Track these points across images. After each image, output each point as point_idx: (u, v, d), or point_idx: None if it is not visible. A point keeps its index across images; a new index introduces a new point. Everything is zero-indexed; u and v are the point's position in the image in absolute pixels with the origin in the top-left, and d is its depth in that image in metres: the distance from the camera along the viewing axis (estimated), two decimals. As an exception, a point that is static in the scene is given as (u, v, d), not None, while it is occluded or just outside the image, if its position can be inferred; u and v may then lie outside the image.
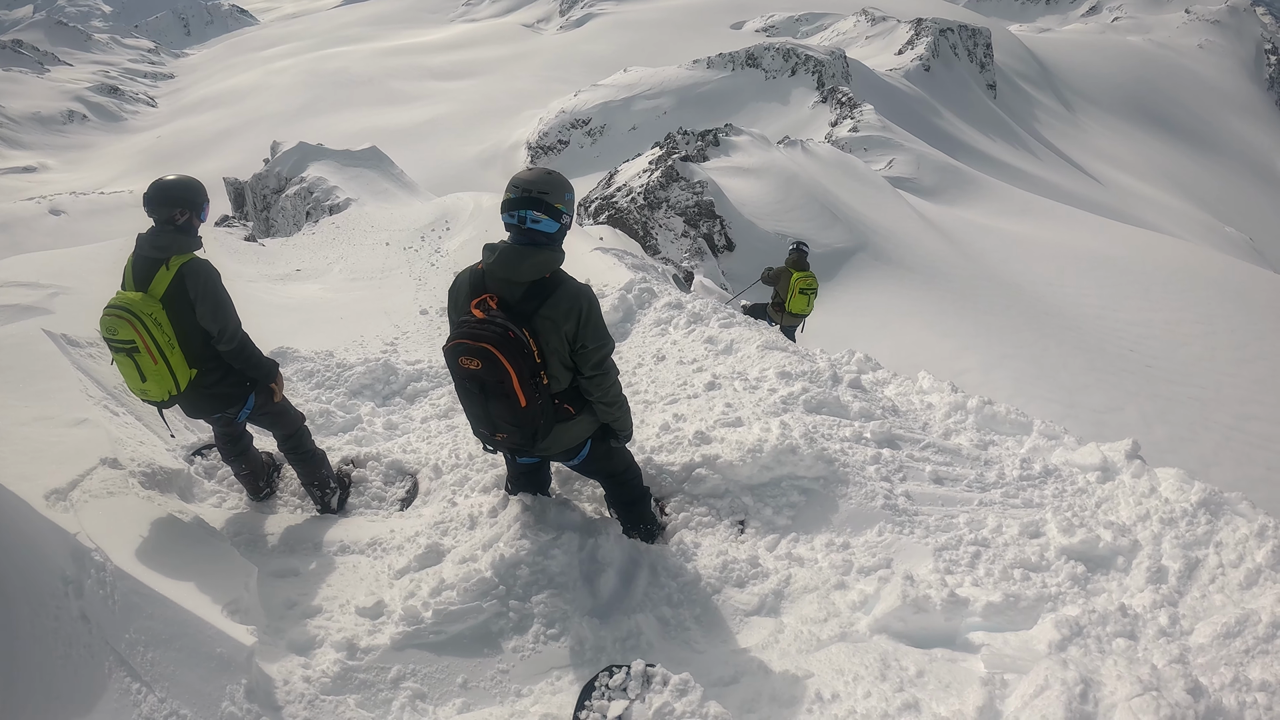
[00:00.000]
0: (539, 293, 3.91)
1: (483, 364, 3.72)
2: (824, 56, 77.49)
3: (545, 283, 3.93)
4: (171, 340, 4.43)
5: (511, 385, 3.76)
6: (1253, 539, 4.45)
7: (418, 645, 4.13)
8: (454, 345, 3.79)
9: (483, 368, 3.73)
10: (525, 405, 3.83)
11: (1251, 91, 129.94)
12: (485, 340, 3.72)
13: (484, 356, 3.71)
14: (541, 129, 76.03)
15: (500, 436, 4.03)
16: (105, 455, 4.85)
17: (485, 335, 3.73)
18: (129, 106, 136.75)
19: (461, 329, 3.81)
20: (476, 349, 3.72)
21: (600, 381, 4.18)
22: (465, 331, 3.78)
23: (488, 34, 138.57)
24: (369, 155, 28.55)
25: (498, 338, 3.73)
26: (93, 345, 6.54)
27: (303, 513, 5.44)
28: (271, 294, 11.99)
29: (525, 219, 3.92)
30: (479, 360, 3.72)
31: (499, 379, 3.74)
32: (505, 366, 3.72)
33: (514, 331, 3.77)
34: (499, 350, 3.71)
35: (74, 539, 3.59)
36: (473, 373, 3.77)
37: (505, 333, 3.75)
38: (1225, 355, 24.20)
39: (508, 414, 3.87)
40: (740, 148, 34.39)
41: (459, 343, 3.77)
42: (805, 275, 12.94)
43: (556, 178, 4.02)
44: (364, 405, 7.08)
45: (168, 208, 4.53)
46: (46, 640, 3.02)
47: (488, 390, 3.82)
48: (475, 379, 3.80)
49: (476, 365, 3.73)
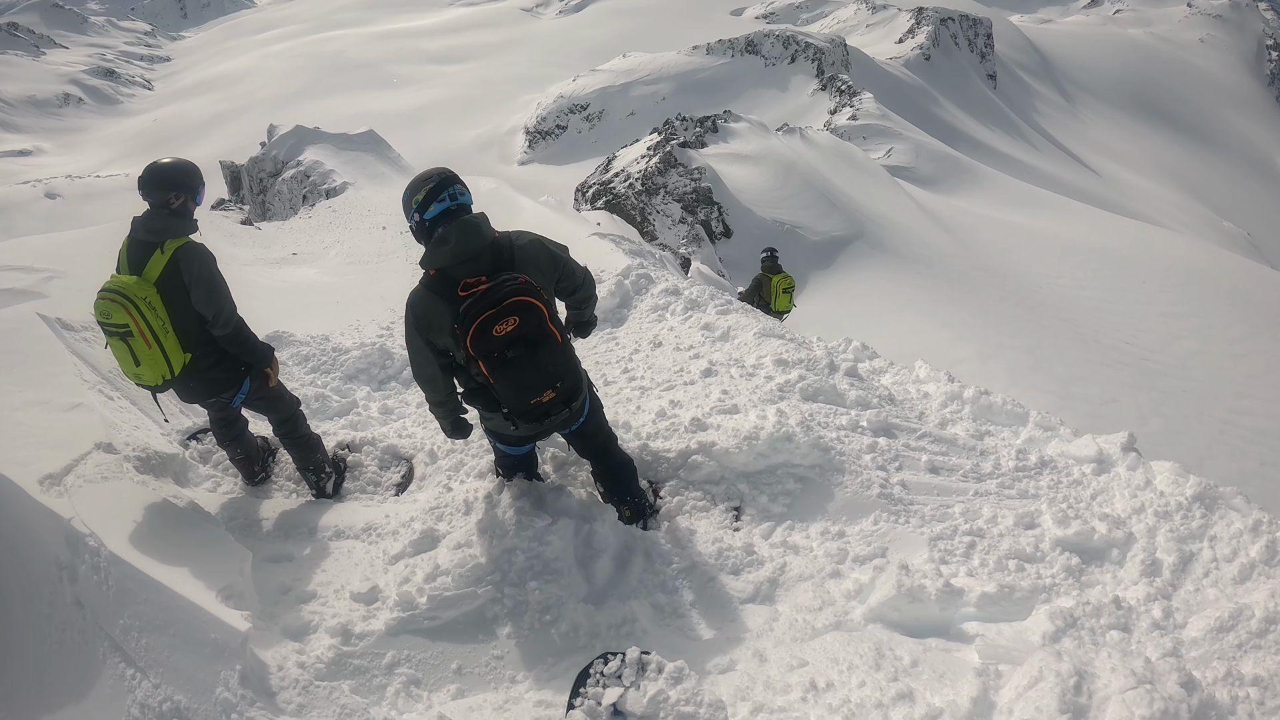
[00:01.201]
0: (502, 248, 4.03)
1: (520, 318, 3.74)
2: (824, 44, 77.19)
3: (500, 240, 4.06)
4: (166, 324, 4.41)
5: (548, 324, 3.83)
6: (1247, 534, 4.45)
7: (412, 631, 4.14)
8: (481, 323, 3.73)
9: (520, 321, 3.74)
10: (561, 339, 3.92)
11: (1252, 87, 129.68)
12: (507, 296, 3.74)
13: (516, 309, 3.74)
14: (539, 114, 75.68)
15: (550, 394, 3.97)
16: (100, 440, 4.84)
17: (504, 292, 3.75)
18: (125, 90, 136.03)
19: (474, 307, 3.76)
20: (505, 308, 3.73)
21: (589, 283, 4.55)
22: (483, 304, 3.75)
23: (486, 18, 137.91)
24: (366, 139, 28.40)
25: (514, 288, 3.78)
26: (87, 329, 6.51)
27: (298, 497, 5.45)
28: (267, 278, 11.97)
29: (455, 193, 4.04)
30: (515, 316, 3.74)
31: (538, 321, 3.79)
32: (537, 305, 3.78)
33: (522, 278, 3.84)
34: (525, 295, 3.77)
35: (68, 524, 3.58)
36: (512, 335, 3.75)
37: (516, 280, 3.81)
38: (1220, 350, 24.21)
39: (555, 357, 3.90)
40: (739, 134, 34.30)
41: (484, 316, 3.73)
42: (783, 276, 14.44)
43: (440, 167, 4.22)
44: (359, 390, 7.07)
45: (163, 191, 4.50)
46: (41, 626, 3.01)
47: (533, 344, 3.81)
48: (518, 339, 3.78)
49: (514, 323, 3.74)
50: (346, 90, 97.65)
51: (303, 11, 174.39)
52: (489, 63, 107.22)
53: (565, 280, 4.34)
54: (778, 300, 14.21)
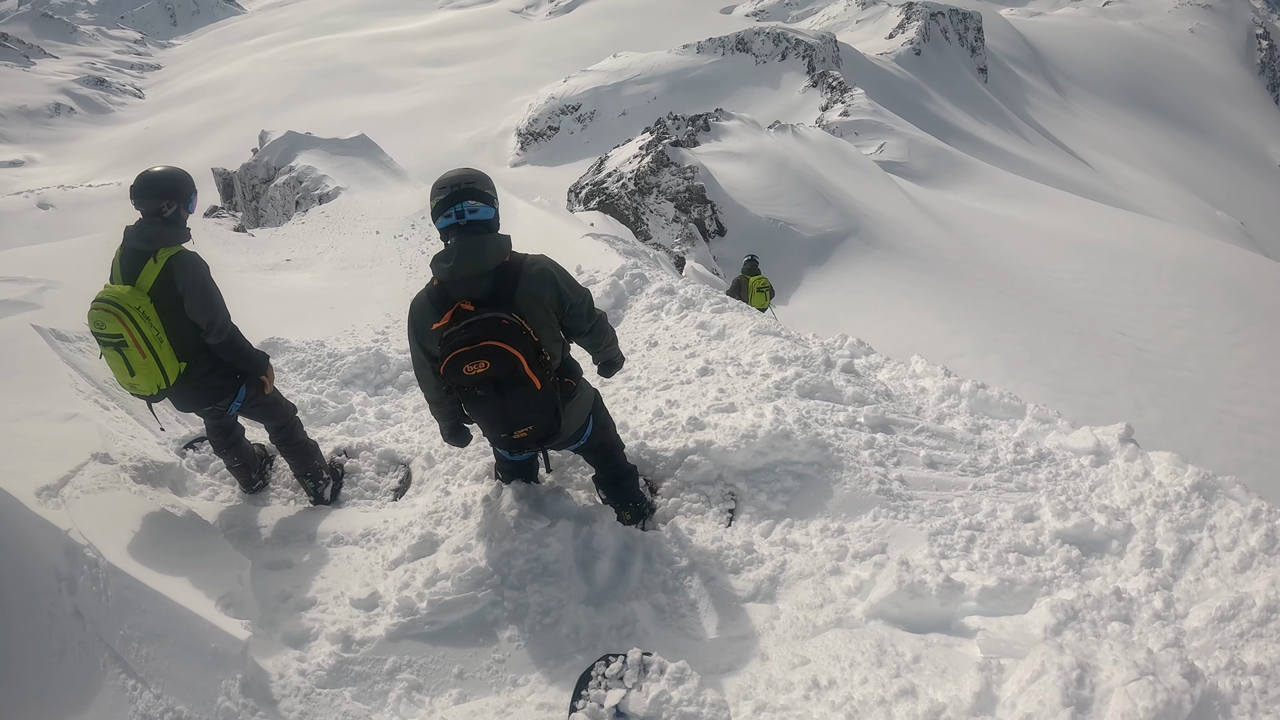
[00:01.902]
0: (507, 276, 3.88)
1: (490, 362, 3.63)
2: (814, 41, 77.25)
3: (507, 266, 3.91)
4: (160, 333, 4.38)
5: (523, 370, 3.68)
6: (1246, 522, 4.45)
7: (413, 636, 4.12)
8: (452, 358, 3.67)
9: (491, 366, 3.63)
10: (541, 387, 3.77)
11: (1243, 76, 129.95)
12: (482, 338, 3.64)
13: (488, 354, 3.63)
14: (531, 115, 75.71)
15: (522, 432, 3.93)
16: (96, 450, 4.81)
17: (480, 333, 3.65)
18: (116, 98, 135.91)
19: (451, 339, 3.70)
20: (478, 349, 3.63)
21: (601, 328, 4.37)
22: (458, 339, 3.67)
23: (476, 20, 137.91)
24: (358, 143, 28.39)
25: (493, 329, 3.66)
26: (82, 340, 6.49)
27: (296, 504, 5.42)
28: (261, 284, 11.96)
29: (464, 211, 3.90)
30: (486, 360, 3.63)
31: (510, 369, 3.66)
32: (512, 353, 3.64)
33: (506, 319, 3.70)
34: (501, 341, 3.64)
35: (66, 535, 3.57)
36: (482, 376, 3.66)
37: (498, 322, 3.68)
38: (1216, 340, 24.27)
39: (529, 403, 3.79)
40: (731, 132, 34.35)
41: (457, 353, 3.66)
42: (759, 278, 16.38)
43: (474, 170, 4.06)
44: (356, 395, 7.05)
45: (155, 199, 4.48)
46: (41, 637, 3.00)
47: (502, 386, 3.71)
48: (487, 381, 3.69)
49: (484, 366, 3.63)
50: (338, 94, 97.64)
51: (293, 16, 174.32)
52: (480, 65, 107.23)
53: (571, 321, 4.18)
54: (753, 298, 15.77)
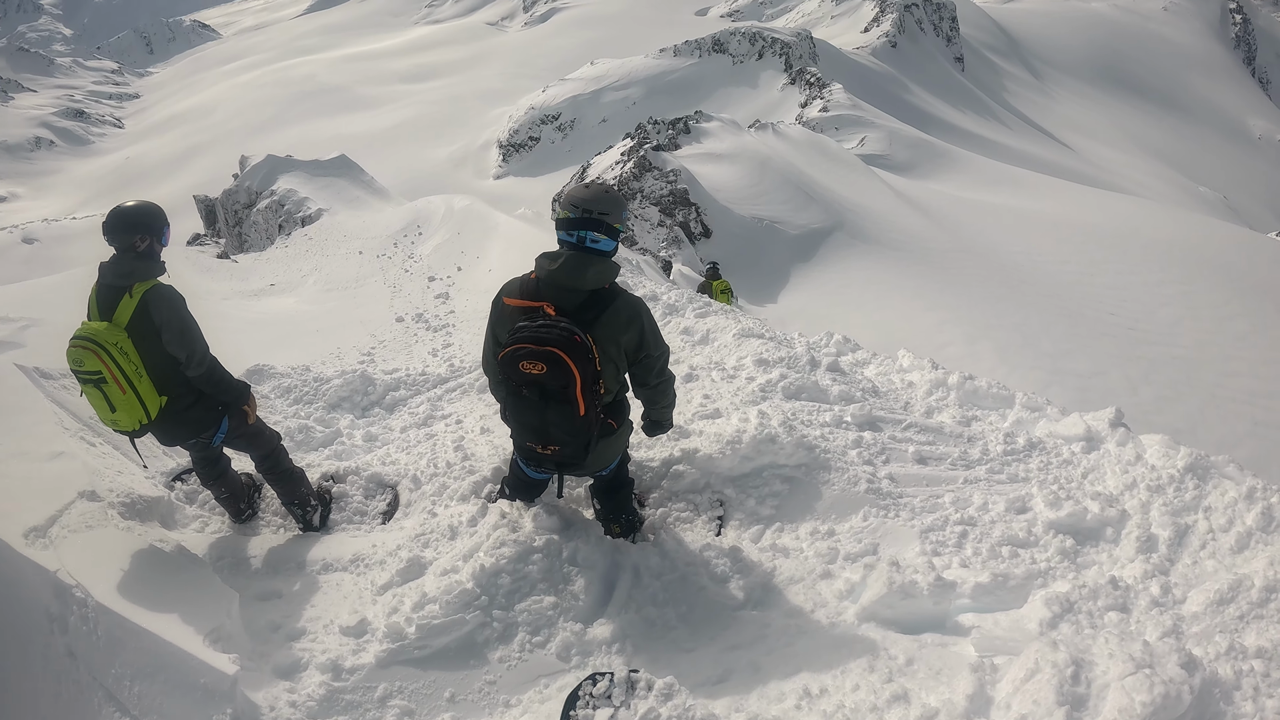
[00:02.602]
0: (598, 302, 3.87)
1: (548, 368, 3.62)
2: (790, 38, 77.49)
3: (605, 293, 3.90)
4: (139, 368, 4.35)
5: (574, 391, 3.67)
6: (1242, 502, 4.41)
7: (403, 662, 4.07)
8: (515, 349, 3.67)
9: (547, 372, 3.63)
10: (584, 413, 3.75)
11: (1218, 52, 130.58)
12: (551, 343, 3.63)
13: (549, 360, 3.62)
14: (512, 126, 75.82)
15: (550, 450, 3.92)
16: (83, 488, 4.77)
17: (551, 338, 3.64)
18: (96, 129, 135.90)
19: (522, 332, 3.70)
20: (542, 352, 3.62)
21: (665, 389, 4.32)
22: (528, 335, 3.67)
23: (452, 35, 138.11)
24: (338, 164, 28.34)
25: (564, 340, 3.65)
26: (65, 377, 6.44)
27: (285, 532, 5.37)
28: (246, 311, 11.91)
29: (585, 239, 3.89)
30: (543, 364, 3.62)
31: (563, 384, 3.65)
32: (571, 369, 3.63)
33: (580, 335, 3.70)
34: (566, 353, 3.63)
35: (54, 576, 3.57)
36: (535, 378, 3.66)
37: (571, 336, 3.67)
38: (1206, 314, 24.29)
39: (565, 423, 3.78)
40: (711, 134, 34.36)
41: (522, 346, 3.65)
42: (721, 281, 17.46)
43: (614, 196, 4.01)
44: (343, 418, 7.00)
45: (126, 235, 4.45)
46: (36, 678, 2.98)
47: (548, 396, 3.71)
48: (537, 385, 3.69)
49: (540, 369, 3.63)
50: (318, 115, 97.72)
51: (269, 39, 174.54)
52: (458, 79, 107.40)
53: (640, 370, 4.16)
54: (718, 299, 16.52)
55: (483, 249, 12.66)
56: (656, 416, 4.54)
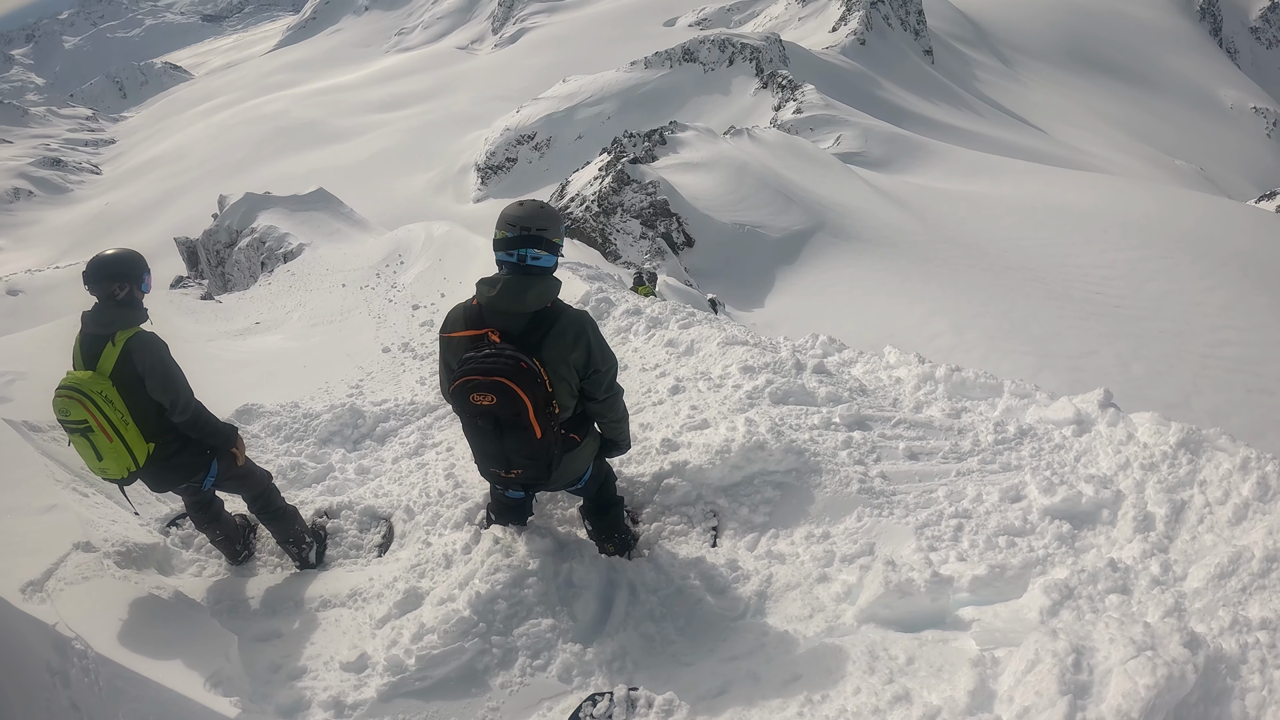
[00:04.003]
0: (542, 322, 3.86)
1: (497, 398, 3.61)
2: (759, 43, 77.70)
3: (548, 312, 3.89)
4: (125, 416, 4.33)
5: (528, 417, 3.65)
6: (1236, 473, 4.39)
7: (405, 694, 4.04)
8: (463, 382, 3.66)
9: (497, 402, 3.61)
10: (541, 436, 3.74)
11: (1184, 25, 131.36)
12: (498, 373, 3.61)
13: (498, 390, 3.60)
14: (488, 149, 75.91)
15: (514, 473, 3.92)
16: (78, 540, 4.75)
17: (497, 368, 3.63)
18: (74, 176, 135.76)
19: (468, 364, 3.69)
20: (490, 383, 3.61)
21: (613, 403, 4.26)
22: (474, 366, 3.66)
23: (424, 62, 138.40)
24: (317, 198, 28.33)
25: (511, 369, 3.63)
26: (54, 429, 6.41)
27: (282, 571, 5.35)
28: (232, 351, 11.87)
29: (525, 256, 3.87)
30: (493, 395, 3.61)
31: (515, 411, 3.63)
32: (521, 398, 3.61)
33: (525, 362, 3.68)
34: (514, 382, 3.61)
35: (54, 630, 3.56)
36: (486, 409, 3.65)
37: (518, 364, 3.66)
38: (1191, 285, 24.38)
39: (523, 448, 3.77)
40: (688, 143, 34.47)
41: (470, 379, 3.64)
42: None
43: (550, 211, 4.00)
44: (334, 453, 6.97)
45: (106, 284, 4.44)
46: (42, 734, 2.96)
47: (502, 425, 3.70)
48: (489, 415, 3.68)
49: (490, 400, 3.61)
50: (293, 150, 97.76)
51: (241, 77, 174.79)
52: (432, 105, 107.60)
53: (590, 385, 4.11)
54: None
55: (465, 273, 12.64)
56: (610, 435, 4.47)
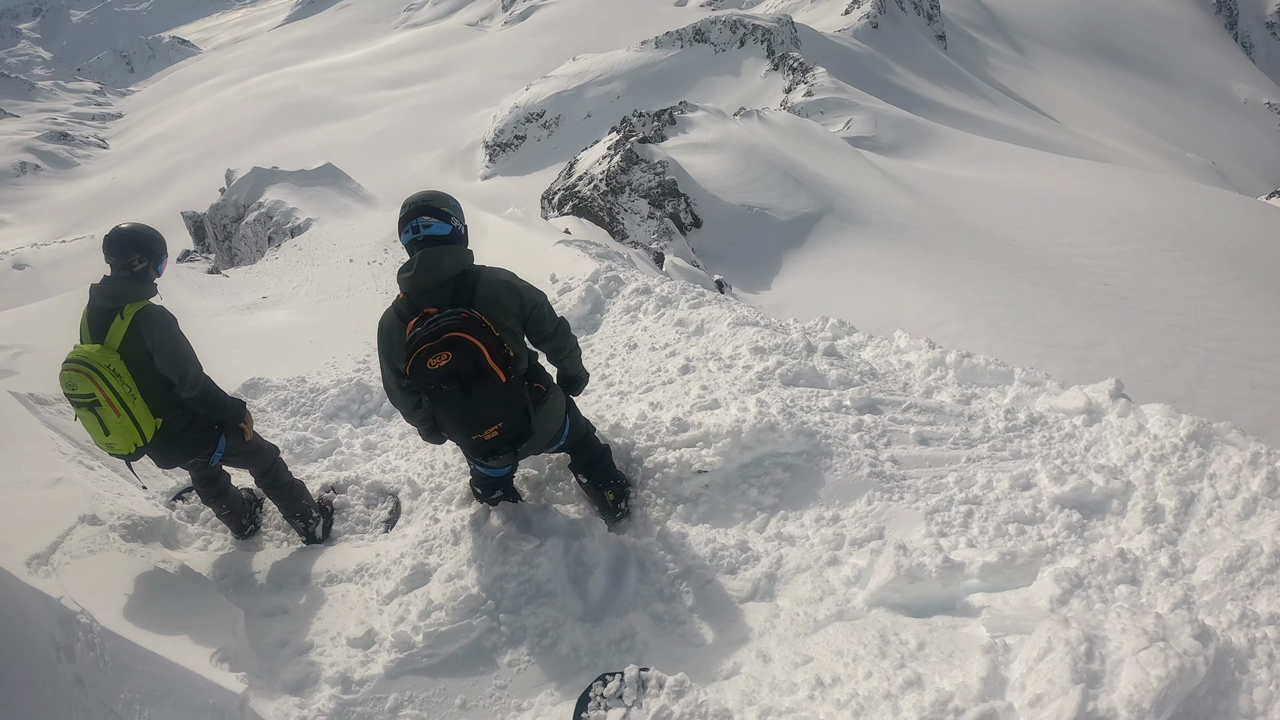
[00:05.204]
0: (466, 283, 3.99)
1: (452, 353, 3.67)
2: (771, 24, 77.24)
3: (467, 274, 4.02)
4: (133, 391, 4.31)
5: (486, 362, 3.71)
6: (1246, 468, 4.39)
7: (412, 671, 4.06)
8: (417, 354, 3.71)
9: (453, 358, 3.66)
10: (506, 380, 3.78)
11: (1199, 18, 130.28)
12: (444, 330, 3.69)
13: (450, 345, 3.67)
14: (497, 126, 75.63)
15: (492, 432, 3.92)
16: (83, 513, 4.77)
17: (442, 326, 3.70)
18: (80, 151, 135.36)
19: (415, 338, 3.75)
20: (441, 342, 3.67)
21: (564, 333, 4.38)
22: (421, 335, 3.73)
23: (433, 38, 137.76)
24: (325, 173, 28.18)
25: (454, 323, 3.72)
26: (60, 402, 6.45)
27: (289, 546, 5.36)
28: (239, 325, 11.87)
29: (419, 226, 4.06)
30: (448, 351, 3.66)
31: (473, 360, 3.69)
32: (474, 343, 3.69)
33: (466, 313, 3.78)
34: (462, 332, 3.69)
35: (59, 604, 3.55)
36: (445, 369, 3.68)
37: (458, 315, 3.75)
38: (1199, 279, 24.26)
39: (494, 395, 3.79)
40: (697, 124, 34.28)
41: (421, 348, 3.70)
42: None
43: (438, 190, 4.27)
44: (341, 428, 6.99)
45: (127, 253, 4.44)
46: (46, 708, 2.98)
47: (466, 381, 3.73)
48: (451, 376, 3.70)
49: (446, 359, 3.66)
50: (301, 126, 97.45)
51: (250, 52, 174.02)
52: (441, 82, 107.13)
53: (534, 325, 4.24)
54: None
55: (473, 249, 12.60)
56: (570, 370, 4.57)
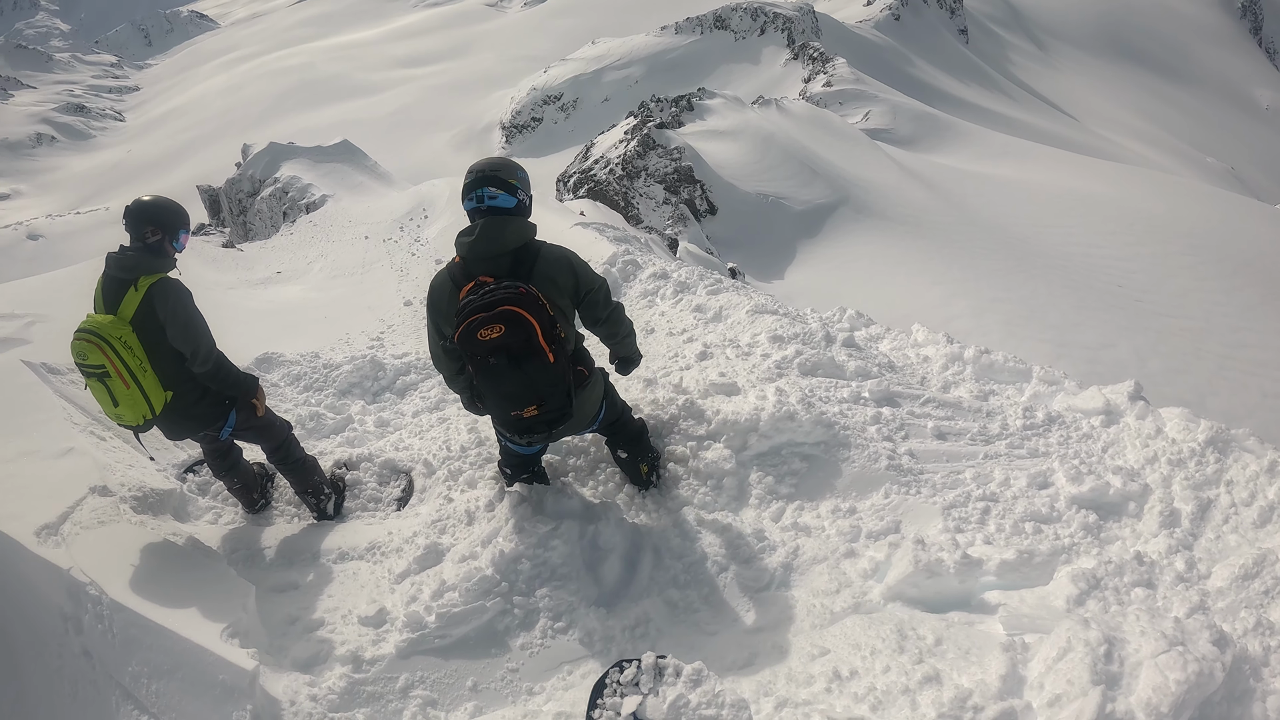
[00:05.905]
0: (526, 257, 3.96)
1: (505, 327, 3.66)
2: (792, 13, 76.73)
3: (528, 248, 3.99)
4: (144, 363, 4.29)
5: (537, 340, 3.71)
6: (1263, 475, 4.36)
7: (424, 651, 4.06)
8: (469, 322, 3.69)
9: (506, 331, 3.66)
10: (554, 360, 3.79)
11: (1224, 21, 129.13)
12: (500, 303, 3.67)
13: (505, 319, 3.66)
14: (514, 108, 75.38)
15: (531, 411, 3.92)
16: (94, 484, 4.76)
17: (498, 298, 3.69)
18: (97, 123, 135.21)
19: (470, 305, 3.73)
20: (495, 315, 3.66)
21: (619, 317, 4.39)
22: (476, 304, 3.71)
23: (452, 17, 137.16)
24: (341, 150, 28.18)
25: (512, 296, 3.70)
26: (72, 372, 6.44)
27: (300, 521, 5.35)
28: (253, 300, 11.86)
29: (484, 196, 4.02)
30: (501, 324, 3.66)
31: (525, 337, 3.69)
32: (528, 319, 3.68)
33: (524, 288, 3.75)
34: (518, 306, 3.68)
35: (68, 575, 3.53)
36: (496, 342, 3.68)
37: (517, 289, 3.73)
38: (1214, 284, 24.12)
39: (541, 375, 3.79)
40: (715, 111, 34.12)
41: (475, 317, 3.68)
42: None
43: (507, 160, 4.22)
44: (354, 404, 6.97)
45: (141, 224, 4.43)
46: (53, 680, 2.96)
47: (516, 356, 3.72)
48: (501, 348, 3.70)
49: (499, 331, 3.66)
50: (318, 103, 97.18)
51: (268, 28, 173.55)
52: (459, 62, 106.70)
53: (588, 308, 4.24)
54: None
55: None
56: (623, 352, 4.65)
